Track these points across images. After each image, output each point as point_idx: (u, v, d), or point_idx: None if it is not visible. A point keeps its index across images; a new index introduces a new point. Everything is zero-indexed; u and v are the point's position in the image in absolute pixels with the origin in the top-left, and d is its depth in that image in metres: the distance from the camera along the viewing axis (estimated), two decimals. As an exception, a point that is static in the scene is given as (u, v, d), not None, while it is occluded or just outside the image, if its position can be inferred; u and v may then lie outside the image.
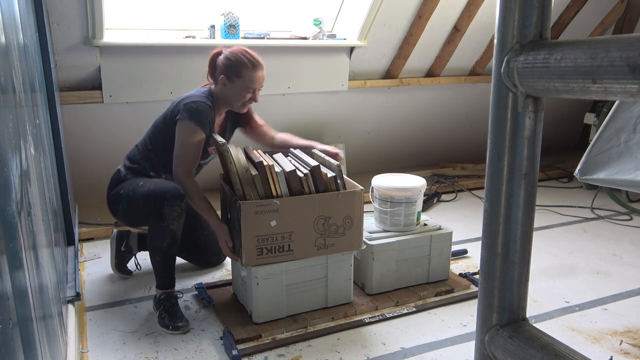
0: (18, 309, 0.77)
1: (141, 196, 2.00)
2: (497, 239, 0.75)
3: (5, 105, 0.85)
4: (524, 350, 0.72)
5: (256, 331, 1.93)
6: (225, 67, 2.08)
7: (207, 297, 2.17)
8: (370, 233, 2.25)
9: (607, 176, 1.90)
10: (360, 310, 2.10)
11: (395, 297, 2.19)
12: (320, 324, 2.01)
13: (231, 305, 2.13)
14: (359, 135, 3.83)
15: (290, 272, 1.99)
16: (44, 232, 1.28)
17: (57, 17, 2.52)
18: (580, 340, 1.94)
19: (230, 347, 1.82)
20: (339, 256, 2.05)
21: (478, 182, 3.82)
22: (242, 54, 2.09)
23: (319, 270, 2.04)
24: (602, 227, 3.11)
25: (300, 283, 2.02)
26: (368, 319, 2.05)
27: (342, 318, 2.05)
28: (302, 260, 1.98)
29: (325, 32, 3.28)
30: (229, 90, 2.09)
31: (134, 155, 2.20)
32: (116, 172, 2.20)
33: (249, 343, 1.88)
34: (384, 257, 2.19)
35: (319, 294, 2.07)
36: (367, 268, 2.19)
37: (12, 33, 1.07)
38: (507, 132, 0.71)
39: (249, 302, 2.02)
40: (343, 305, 2.10)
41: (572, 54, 0.59)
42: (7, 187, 0.78)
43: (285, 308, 2.01)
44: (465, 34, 3.55)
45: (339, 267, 2.07)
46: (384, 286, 2.22)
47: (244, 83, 2.07)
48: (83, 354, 1.82)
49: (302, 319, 2.01)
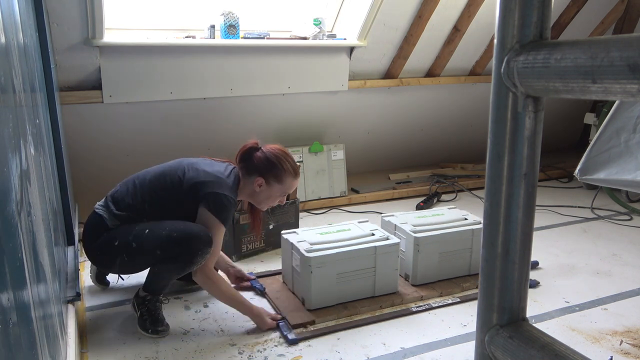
0: (18, 309, 0.77)
1: (160, 244, 1.84)
2: (497, 239, 0.75)
3: (5, 105, 0.85)
4: (524, 350, 0.72)
5: (310, 317, 2.03)
6: (265, 169, 2.01)
7: (260, 285, 2.28)
8: (414, 226, 2.34)
9: (607, 176, 1.90)
10: (407, 299, 2.20)
11: (439, 288, 2.28)
12: (368, 312, 2.11)
13: (282, 293, 2.24)
14: (359, 135, 3.83)
15: (342, 262, 2.09)
16: (44, 232, 1.28)
17: (57, 17, 2.51)
18: (580, 340, 1.94)
19: (287, 332, 1.93)
20: (387, 247, 2.16)
21: (478, 182, 3.83)
22: (285, 158, 2.04)
23: (368, 260, 2.14)
24: (602, 227, 3.11)
25: (350, 272, 2.11)
26: (415, 308, 2.15)
27: (389, 307, 2.15)
28: (353, 250, 2.10)
29: (325, 32, 3.28)
30: (263, 193, 2.04)
31: (122, 201, 1.96)
32: (96, 217, 1.95)
33: (303, 328, 1.98)
34: (429, 249, 2.29)
35: (367, 283, 2.16)
36: (412, 259, 2.29)
37: (12, 33, 1.07)
38: (507, 132, 0.71)
39: (301, 290, 2.13)
40: (390, 295, 2.20)
41: (572, 54, 0.59)
42: (7, 187, 0.78)
43: (336, 296, 2.11)
44: (465, 34, 3.55)
45: (387, 257, 2.17)
46: (428, 277, 2.32)
47: (282, 189, 2.04)
48: (83, 353, 1.82)
49: (352, 307, 2.11)
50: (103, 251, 1.93)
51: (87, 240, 1.96)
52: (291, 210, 2.77)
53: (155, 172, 2.01)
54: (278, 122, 3.46)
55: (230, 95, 3.15)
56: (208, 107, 3.16)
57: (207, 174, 1.96)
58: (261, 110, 3.35)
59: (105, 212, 1.95)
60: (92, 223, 1.96)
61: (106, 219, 1.93)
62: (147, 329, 1.92)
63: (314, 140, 3.57)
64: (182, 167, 1.99)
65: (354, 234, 2.23)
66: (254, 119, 3.33)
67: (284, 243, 2.24)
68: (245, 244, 2.61)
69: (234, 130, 3.30)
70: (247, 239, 2.60)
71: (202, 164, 2.01)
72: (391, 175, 3.92)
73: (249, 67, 3.13)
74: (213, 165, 2.02)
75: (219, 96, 3.13)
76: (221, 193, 1.91)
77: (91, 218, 1.97)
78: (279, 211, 2.73)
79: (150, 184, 1.98)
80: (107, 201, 1.99)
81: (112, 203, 1.97)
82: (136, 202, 1.95)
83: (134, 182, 2.01)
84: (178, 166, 2.01)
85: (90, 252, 1.96)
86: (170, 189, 1.96)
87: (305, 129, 3.53)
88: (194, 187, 1.93)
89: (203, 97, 3.10)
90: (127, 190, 1.99)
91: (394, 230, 2.37)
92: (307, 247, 2.09)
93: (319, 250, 2.08)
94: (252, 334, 1.95)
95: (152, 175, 2.01)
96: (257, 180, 2.02)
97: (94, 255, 1.97)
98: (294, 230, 2.28)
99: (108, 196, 2.01)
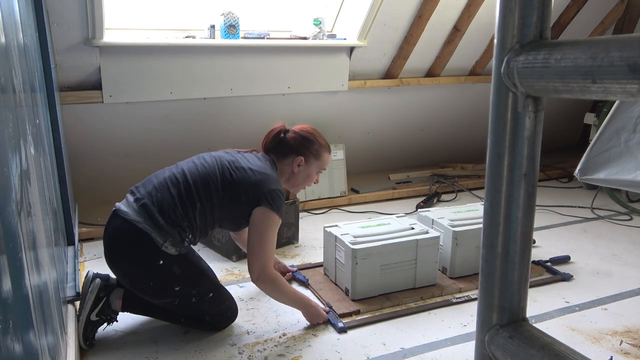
0: (18, 309, 0.77)
1: (216, 313, 1.92)
2: (497, 239, 0.75)
3: (5, 105, 0.85)
4: (524, 350, 0.72)
5: (355, 307, 2.11)
6: (303, 147, 2.01)
7: (303, 277, 2.36)
8: (451, 221, 2.40)
9: (607, 176, 1.90)
10: (446, 291, 2.27)
11: (475, 280, 2.33)
12: (410, 302, 2.19)
13: (325, 284, 2.32)
14: (359, 135, 3.83)
15: (385, 254, 2.16)
16: (44, 232, 1.28)
17: (57, 17, 2.52)
18: (580, 340, 1.94)
19: (336, 320, 2.00)
20: (428, 240, 2.24)
21: (478, 182, 3.82)
22: (319, 134, 2.06)
23: (410, 253, 2.21)
24: (602, 227, 3.10)
25: (392, 264, 2.19)
26: (455, 299, 2.22)
27: (430, 298, 2.22)
28: (396, 243, 2.18)
29: (325, 32, 3.28)
30: (302, 172, 2.03)
31: (171, 209, 1.79)
32: (141, 233, 1.75)
33: (349, 318, 2.06)
34: (466, 243, 2.35)
35: (409, 275, 2.24)
36: (450, 252, 2.36)
37: (12, 33, 1.07)
38: (507, 132, 0.71)
39: (345, 281, 2.20)
40: (429, 287, 2.28)
41: (572, 54, 0.59)
42: (7, 187, 0.78)
43: (379, 287, 2.19)
44: (465, 34, 3.55)
45: (428, 250, 2.24)
46: (465, 270, 2.38)
47: (319, 165, 2.06)
48: (83, 353, 1.82)
49: (395, 297, 2.19)
50: (156, 288, 1.81)
51: (128, 257, 1.79)
52: (291, 211, 2.78)
53: (198, 177, 1.86)
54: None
55: (230, 95, 3.15)
56: (208, 107, 3.17)
57: (254, 172, 1.89)
58: (261, 110, 3.35)
59: (154, 227, 1.76)
60: (136, 239, 1.76)
61: (157, 241, 1.75)
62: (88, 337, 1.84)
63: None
64: (223, 168, 1.89)
65: (394, 228, 2.31)
66: (253, 119, 3.33)
67: (327, 236, 2.33)
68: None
69: (234, 130, 3.30)
70: (247, 239, 2.61)
71: (242, 161, 1.93)
72: (391, 175, 3.92)
73: (249, 67, 3.13)
74: (249, 160, 1.95)
75: (219, 96, 3.13)
76: (275, 189, 1.88)
77: (130, 232, 1.76)
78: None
79: (198, 191, 1.84)
80: (154, 208, 1.78)
81: (158, 212, 1.77)
82: (189, 214, 1.82)
83: (175, 189, 1.83)
84: (216, 166, 1.89)
85: (132, 273, 1.82)
86: (220, 194, 1.86)
87: (305, 129, 3.53)
88: (250, 189, 1.86)
89: (203, 97, 3.10)
90: (173, 198, 1.81)
91: (431, 225, 2.43)
92: (351, 239, 2.17)
93: (363, 242, 2.16)
94: (252, 334, 1.96)
95: (195, 180, 1.85)
96: (296, 160, 2.01)
97: (138, 279, 1.81)
98: (335, 224, 2.36)
99: (155, 202, 1.80)
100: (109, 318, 1.89)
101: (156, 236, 1.76)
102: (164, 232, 1.77)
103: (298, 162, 2.01)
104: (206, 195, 1.84)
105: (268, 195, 1.85)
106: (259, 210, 1.85)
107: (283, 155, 2.03)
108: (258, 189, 1.86)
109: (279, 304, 2.11)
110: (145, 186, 1.87)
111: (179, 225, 1.80)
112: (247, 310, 2.12)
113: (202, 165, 1.90)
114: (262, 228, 1.85)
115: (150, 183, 1.87)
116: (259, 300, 2.20)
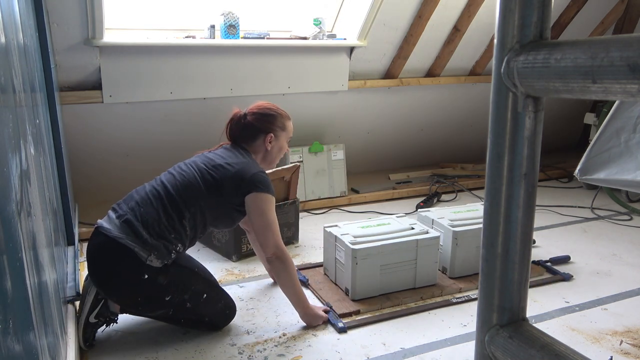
0: (18, 309, 0.77)
1: (215, 313, 1.94)
2: (497, 239, 0.75)
3: (5, 105, 0.85)
4: (524, 350, 0.72)
5: (355, 307, 2.12)
6: (268, 123, 2.03)
7: (303, 277, 2.35)
8: (451, 221, 2.40)
9: (607, 176, 1.90)
10: (446, 291, 2.27)
11: (475, 280, 2.33)
12: (410, 302, 2.19)
13: (325, 284, 2.32)
14: (359, 135, 3.83)
15: (385, 254, 2.17)
16: (44, 232, 1.28)
17: (57, 17, 2.51)
18: (580, 340, 1.94)
19: (336, 320, 2.01)
20: (428, 240, 2.24)
21: (478, 182, 3.83)
22: (275, 107, 2.08)
23: (410, 253, 2.22)
24: (602, 227, 3.10)
25: (392, 264, 2.20)
26: (455, 299, 2.22)
27: (430, 298, 2.23)
28: (396, 243, 2.18)
29: (325, 32, 3.28)
30: (274, 147, 2.05)
31: (156, 222, 1.79)
32: (124, 249, 1.73)
33: (349, 318, 2.06)
34: (466, 243, 2.36)
35: (409, 275, 2.24)
36: (450, 252, 2.36)
37: (12, 33, 1.07)
38: (507, 132, 0.71)
39: (345, 281, 2.20)
40: (429, 287, 2.28)
41: (572, 54, 0.59)
42: (7, 187, 0.78)
43: (378, 287, 2.19)
44: (465, 34, 3.55)
45: (428, 250, 2.25)
46: (465, 270, 2.39)
47: (287, 134, 2.09)
48: (83, 353, 1.82)
49: (395, 297, 2.19)
50: (145, 303, 1.81)
51: (112, 274, 1.77)
52: (291, 211, 2.78)
53: (179, 186, 1.86)
54: (278, 122, 3.46)
55: (230, 95, 3.15)
56: (208, 107, 3.16)
57: (231, 165, 1.92)
58: (261, 110, 3.34)
59: (138, 243, 1.74)
60: (119, 256, 1.74)
61: (140, 255, 1.73)
62: (88, 339, 1.85)
63: (314, 140, 3.57)
64: (201, 171, 1.90)
65: (394, 228, 2.31)
66: (254, 119, 3.32)
67: (327, 236, 2.33)
68: (245, 244, 2.61)
69: (234, 130, 3.29)
70: (247, 239, 2.60)
71: (216, 159, 1.95)
72: (391, 175, 3.92)
73: (249, 67, 3.13)
74: (222, 155, 1.97)
75: (219, 96, 3.13)
76: (256, 172, 1.91)
77: (113, 248, 1.74)
78: (279, 211, 2.73)
79: (183, 200, 1.84)
80: (137, 224, 1.77)
81: (143, 227, 1.76)
82: (176, 224, 1.82)
83: (158, 202, 1.83)
84: (194, 172, 1.90)
85: (117, 290, 1.80)
86: (205, 196, 1.87)
87: (305, 129, 3.53)
88: (234, 181, 1.88)
89: (203, 97, 3.10)
90: (157, 209, 1.81)
91: (431, 225, 2.44)
92: (351, 239, 2.18)
93: (363, 242, 2.17)
94: (252, 334, 1.96)
95: (177, 190, 1.85)
96: (267, 138, 2.02)
97: (125, 296, 1.81)
98: (335, 224, 2.36)
99: (137, 217, 1.79)
100: (108, 320, 1.88)
101: (140, 251, 1.74)
102: (149, 247, 1.76)
103: (269, 139, 2.03)
104: (192, 202, 1.85)
105: (254, 180, 1.89)
106: (250, 197, 1.89)
107: (252, 138, 2.04)
108: (241, 178, 1.89)
109: (279, 304, 2.11)
110: (127, 202, 1.86)
111: (164, 238, 1.79)
112: (247, 310, 2.12)
113: (180, 175, 1.90)
114: (261, 210, 1.89)
115: (131, 199, 1.86)
116: (259, 300, 2.20)
